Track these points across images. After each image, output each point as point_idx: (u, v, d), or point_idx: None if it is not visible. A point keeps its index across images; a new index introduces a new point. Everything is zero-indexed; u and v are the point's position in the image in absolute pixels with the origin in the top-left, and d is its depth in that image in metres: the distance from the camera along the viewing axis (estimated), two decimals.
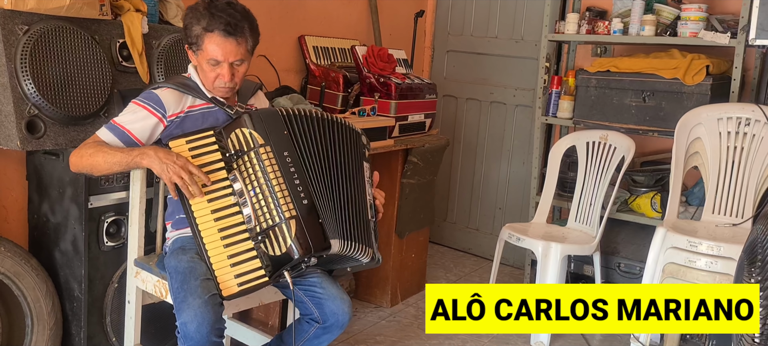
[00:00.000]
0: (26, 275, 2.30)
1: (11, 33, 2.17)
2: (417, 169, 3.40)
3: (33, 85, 2.18)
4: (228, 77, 2.04)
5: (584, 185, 3.38)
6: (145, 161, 1.89)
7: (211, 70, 2.04)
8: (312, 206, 1.95)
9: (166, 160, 1.86)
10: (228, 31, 1.98)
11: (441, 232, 4.59)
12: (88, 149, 1.96)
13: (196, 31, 2.00)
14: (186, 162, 1.87)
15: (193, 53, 2.08)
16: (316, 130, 2.06)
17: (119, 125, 2.01)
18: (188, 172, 1.86)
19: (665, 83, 3.20)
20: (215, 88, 2.08)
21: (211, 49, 2.00)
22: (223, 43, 1.99)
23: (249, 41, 2.05)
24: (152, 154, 1.88)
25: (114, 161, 1.93)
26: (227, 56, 2.01)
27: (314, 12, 3.69)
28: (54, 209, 2.40)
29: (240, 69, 2.07)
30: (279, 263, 1.89)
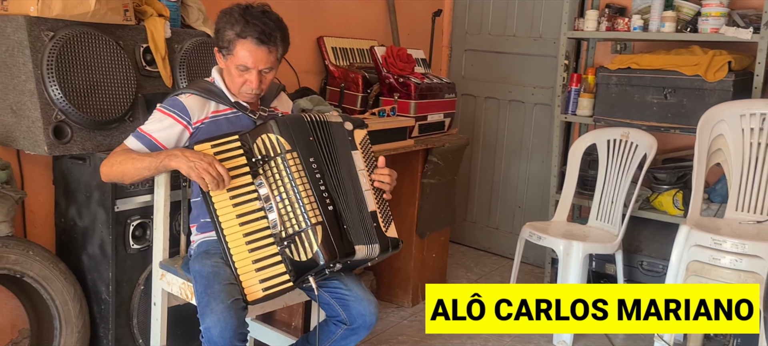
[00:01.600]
0: (54, 278, 2.33)
1: (37, 39, 2.20)
2: (437, 169, 3.40)
3: (59, 91, 2.21)
4: (255, 84, 2.05)
5: (605, 183, 3.37)
6: (173, 163, 1.92)
7: (239, 76, 2.06)
8: (337, 211, 1.96)
9: (193, 159, 1.89)
10: (261, 40, 1.99)
11: (461, 231, 4.59)
12: (118, 158, 2.00)
13: (228, 35, 2.02)
14: (213, 160, 1.90)
15: (222, 56, 2.10)
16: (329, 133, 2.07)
17: (146, 133, 2.04)
18: (215, 169, 1.88)
19: (687, 80, 3.18)
20: (241, 93, 2.10)
21: (242, 56, 2.02)
22: (255, 50, 2.01)
23: (279, 50, 2.07)
24: (179, 155, 1.91)
25: (143, 166, 1.96)
26: (257, 64, 2.03)
27: (333, 13, 3.71)
28: (81, 213, 2.43)
29: (268, 76, 2.09)
30: (304, 269, 1.90)
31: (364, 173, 2.12)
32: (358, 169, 2.11)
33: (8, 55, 2.27)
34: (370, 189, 2.12)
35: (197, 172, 1.88)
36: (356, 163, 2.11)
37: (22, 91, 2.24)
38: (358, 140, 2.16)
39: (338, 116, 2.18)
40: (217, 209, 1.93)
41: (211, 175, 1.87)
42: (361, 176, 2.11)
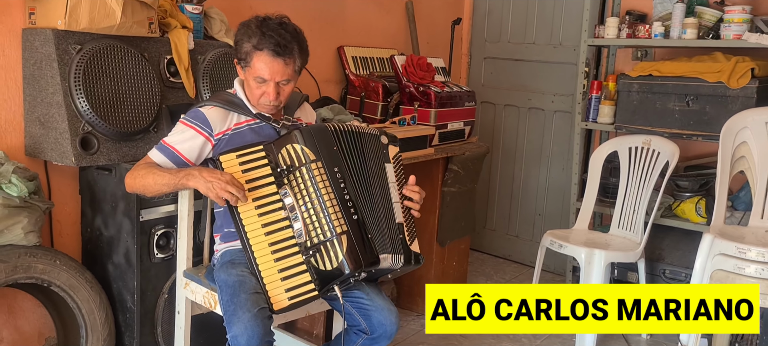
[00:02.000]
0: (81, 287, 2.36)
1: (65, 53, 2.25)
2: (458, 178, 3.40)
3: (86, 103, 2.25)
4: (273, 96, 2.07)
5: (627, 191, 3.35)
6: (191, 182, 1.94)
7: (257, 88, 2.08)
8: (362, 221, 1.98)
9: (210, 179, 1.90)
10: (277, 52, 2.01)
11: (481, 239, 4.58)
12: (141, 171, 2.03)
13: (246, 48, 2.04)
14: (231, 178, 1.91)
15: (241, 68, 2.12)
16: (358, 143, 2.09)
17: (169, 145, 2.07)
18: (234, 186, 1.90)
19: (709, 87, 3.15)
20: (260, 104, 2.12)
21: (258, 67, 2.04)
22: (271, 62, 2.03)
23: (297, 62, 2.08)
24: (197, 175, 1.93)
25: (163, 183, 1.99)
26: (274, 76, 2.05)
27: (353, 23, 3.73)
28: (107, 223, 2.47)
29: (285, 88, 2.10)
30: (329, 278, 1.92)
31: (395, 186, 2.15)
32: (390, 181, 2.13)
33: (36, 68, 2.31)
34: (399, 202, 2.14)
35: (214, 192, 1.89)
36: (388, 176, 2.14)
37: (50, 103, 2.28)
38: (392, 155, 2.19)
39: (375, 129, 2.19)
40: (243, 219, 1.95)
41: (230, 192, 1.89)
42: (392, 187, 2.13)
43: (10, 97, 2.39)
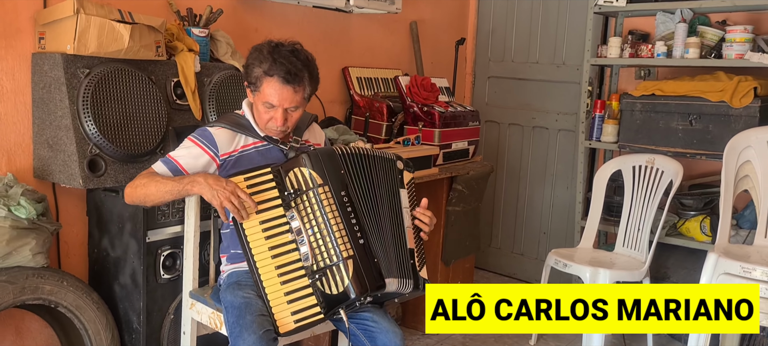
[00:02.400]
0: (87, 308, 2.38)
1: (73, 76, 2.28)
2: (462, 197, 3.42)
3: (94, 126, 2.28)
4: (280, 122, 2.09)
5: (631, 210, 3.35)
6: (196, 188, 1.95)
7: (265, 112, 2.10)
8: (368, 245, 1.99)
9: (216, 186, 1.92)
10: (287, 79, 2.03)
11: (486, 257, 4.58)
12: (142, 180, 2.04)
13: (256, 72, 2.06)
14: (235, 187, 1.92)
15: (250, 92, 2.15)
16: (366, 166, 2.10)
17: (172, 159, 2.10)
18: (237, 196, 1.91)
19: (712, 106, 3.17)
20: (267, 129, 2.14)
21: (268, 93, 2.06)
22: (280, 89, 2.04)
23: (307, 89, 2.10)
24: (202, 181, 1.94)
25: (166, 190, 1.99)
26: (282, 102, 2.06)
27: (358, 44, 3.77)
28: (113, 244, 2.49)
29: (294, 114, 2.12)
30: (335, 302, 1.93)
31: (408, 211, 2.16)
32: (403, 206, 2.15)
33: (45, 91, 2.35)
34: (411, 227, 2.16)
35: (219, 199, 1.90)
36: (402, 201, 2.15)
37: (58, 126, 2.31)
38: (406, 180, 2.20)
39: (393, 154, 2.21)
40: (251, 241, 1.97)
41: (233, 203, 1.90)
42: (405, 212, 2.15)
43: (19, 120, 2.42)
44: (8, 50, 2.37)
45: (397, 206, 2.13)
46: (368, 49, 3.84)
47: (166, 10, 2.76)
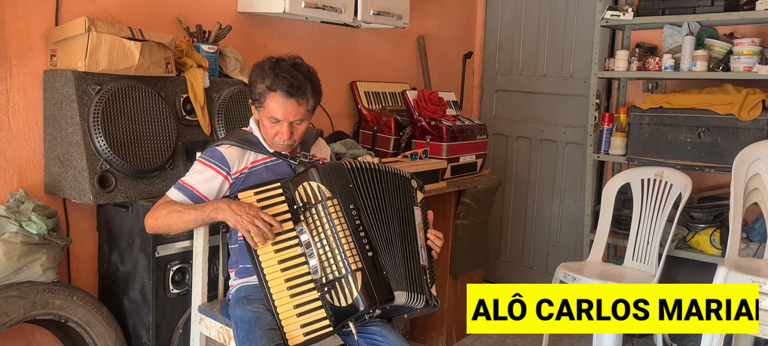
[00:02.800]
0: (97, 323, 2.39)
1: (84, 93, 2.31)
2: (470, 210, 3.42)
3: (104, 142, 2.31)
4: (287, 136, 2.11)
5: (640, 223, 3.34)
6: (220, 215, 1.97)
7: (271, 127, 2.12)
8: (376, 258, 1.99)
9: (239, 212, 1.93)
10: (290, 93, 2.05)
11: (494, 270, 4.57)
12: (163, 211, 2.05)
13: (259, 89, 2.09)
14: (258, 211, 1.94)
15: (255, 109, 2.16)
16: (376, 181, 2.11)
17: (187, 185, 2.10)
18: (261, 220, 1.92)
19: (720, 119, 3.16)
20: (274, 143, 2.16)
21: (272, 108, 2.08)
22: (284, 103, 2.07)
23: (310, 102, 2.12)
24: (225, 208, 1.95)
25: (189, 219, 2.02)
26: (287, 116, 2.09)
27: (365, 58, 3.79)
28: (123, 259, 2.50)
29: (299, 127, 2.14)
30: (344, 315, 1.93)
31: (421, 229, 2.18)
32: (417, 223, 2.16)
33: (57, 108, 2.37)
34: (424, 246, 2.17)
35: (243, 224, 1.92)
36: (416, 218, 2.17)
37: (69, 142, 2.33)
38: (418, 199, 2.22)
39: (406, 173, 2.23)
40: (260, 255, 1.98)
41: (258, 226, 1.91)
42: (418, 230, 2.16)
43: (31, 136, 2.45)
44: (20, 68, 2.40)
45: (411, 223, 2.15)
46: (376, 63, 3.86)
47: (176, 26, 2.79)
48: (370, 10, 3.27)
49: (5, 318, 2.17)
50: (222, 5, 3.01)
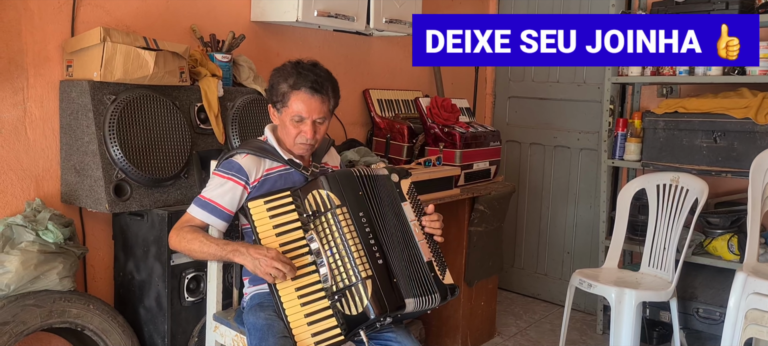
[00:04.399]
0: (113, 331, 2.40)
1: (100, 103, 2.32)
2: (484, 217, 3.41)
3: (120, 151, 2.32)
4: (310, 134, 2.11)
5: (656, 229, 3.31)
6: (238, 259, 1.96)
7: (294, 127, 2.12)
8: (387, 265, 1.99)
9: (257, 256, 1.92)
10: (314, 89, 2.07)
11: (509, 278, 4.55)
12: (187, 235, 2.04)
13: (282, 89, 2.10)
14: (277, 255, 1.92)
15: (276, 111, 2.17)
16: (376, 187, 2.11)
17: (210, 201, 2.09)
18: (280, 262, 1.91)
19: (736, 123, 3.13)
20: (296, 144, 2.15)
21: (296, 106, 2.09)
22: (309, 100, 2.08)
23: (331, 101, 2.14)
24: (244, 252, 1.94)
25: (209, 252, 2.01)
26: (312, 113, 2.09)
27: (378, 66, 3.79)
28: (139, 267, 2.51)
29: (321, 127, 2.15)
30: (355, 323, 1.92)
31: (416, 223, 2.15)
32: (409, 220, 2.14)
33: (73, 118, 2.39)
34: (423, 239, 2.14)
35: (263, 269, 1.91)
36: (407, 215, 2.14)
37: (85, 152, 2.35)
38: (405, 190, 2.19)
39: (384, 169, 2.21)
40: None
41: (278, 269, 1.90)
42: (413, 226, 2.13)
43: (48, 146, 2.47)
44: (37, 78, 2.42)
45: (404, 221, 2.13)
46: (389, 71, 3.86)
47: (190, 36, 2.81)
48: (382, 18, 3.27)
49: (22, 327, 2.19)
50: (235, 15, 3.03)
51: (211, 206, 2.09)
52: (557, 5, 4.27)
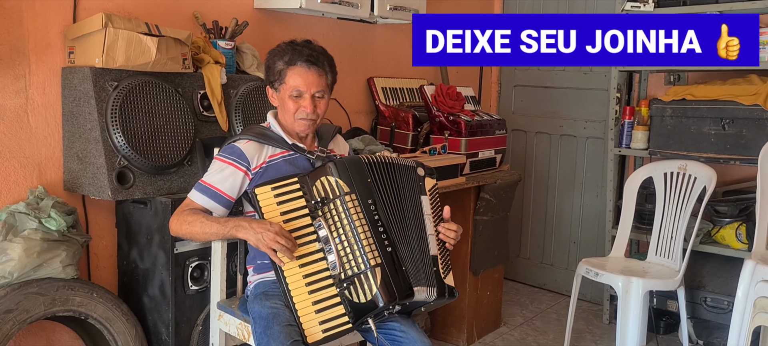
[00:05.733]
0: (117, 319, 2.39)
1: (102, 89, 2.30)
2: (490, 206, 3.38)
3: (123, 138, 2.30)
4: (310, 108, 2.10)
5: (664, 217, 3.28)
6: (241, 234, 1.95)
7: (293, 103, 2.11)
8: (396, 253, 1.97)
9: (260, 231, 1.90)
10: (310, 61, 2.09)
11: (515, 268, 4.53)
12: (187, 218, 2.03)
13: (278, 66, 2.11)
14: (280, 229, 1.91)
15: (274, 91, 2.16)
16: (393, 175, 2.09)
17: (210, 186, 2.08)
18: (283, 237, 1.90)
19: (745, 110, 3.10)
20: (297, 121, 2.14)
21: (293, 81, 2.09)
22: (305, 73, 2.09)
23: (328, 76, 2.15)
24: (247, 226, 1.93)
25: (211, 232, 2.01)
26: (309, 86, 2.09)
27: (382, 54, 3.76)
28: (142, 256, 2.50)
29: (321, 102, 2.14)
30: (363, 311, 1.90)
31: (430, 218, 2.13)
32: (425, 213, 2.12)
33: (75, 105, 2.38)
34: (434, 234, 2.12)
35: (265, 242, 1.89)
36: (424, 207, 2.13)
37: (87, 139, 2.34)
38: (428, 187, 2.18)
39: (412, 161, 2.19)
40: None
41: (281, 243, 1.89)
42: (427, 219, 2.12)
43: (50, 133, 2.46)
44: (39, 65, 2.40)
45: (419, 213, 2.11)
46: (393, 59, 3.83)
47: (193, 23, 2.78)
48: (386, 5, 3.24)
49: (26, 315, 2.18)
50: (238, 1, 3.00)
51: (211, 191, 2.08)
52: (563, 4, 4.24)
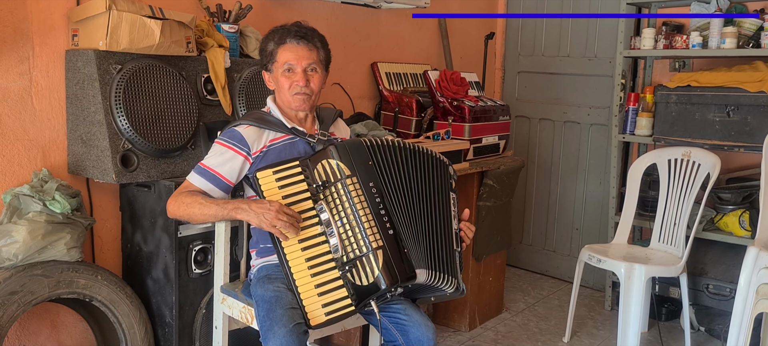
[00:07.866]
0: (121, 302, 2.40)
1: (106, 72, 2.30)
2: (493, 192, 3.38)
3: (126, 121, 2.30)
4: (303, 81, 2.12)
5: (667, 204, 3.28)
6: (241, 215, 1.95)
7: (286, 79, 2.13)
8: (397, 236, 1.96)
9: (260, 210, 1.91)
10: (299, 36, 2.12)
11: (517, 254, 4.53)
12: (185, 199, 2.03)
13: (270, 47, 2.14)
14: (280, 207, 1.91)
15: (269, 73, 2.18)
16: (399, 159, 2.08)
17: (209, 169, 2.09)
18: (284, 214, 1.90)
19: (750, 97, 3.08)
20: (292, 97, 2.14)
21: (284, 56, 2.12)
22: (295, 48, 2.12)
23: (321, 52, 2.16)
24: (247, 208, 1.93)
25: (210, 213, 2.00)
26: (300, 60, 2.11)
27: (386, 39, 3.75)
28: (146, 239, 2.51)
29: (314, 76, 2.15)
30: (366, 293, 1.91)
31: (456, 217, 2.16)
32: (452, 212, 2.14)
33: (79, 88, 2.38)
34: (458, 232, 2.15)
35: (267, 221, 1.90)
36: (451, 206, 2.15)
37: (91, 122, 2.34)
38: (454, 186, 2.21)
39: (444, 158, 2.22)
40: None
41: (283, 221, 1.89)
42: (454, 217, 2.14)
43: (54, 116, 2.46)
44: (43, 48, 2.40)
45: (446, 207, 2.13)
46: (397, 44, 3.82)
47: (196, 6, 2.77)
48: None
49: (30, 296, 2.19)
50: None
51: (210, 174, 2.08)
52: (566, 4, 4.21)
